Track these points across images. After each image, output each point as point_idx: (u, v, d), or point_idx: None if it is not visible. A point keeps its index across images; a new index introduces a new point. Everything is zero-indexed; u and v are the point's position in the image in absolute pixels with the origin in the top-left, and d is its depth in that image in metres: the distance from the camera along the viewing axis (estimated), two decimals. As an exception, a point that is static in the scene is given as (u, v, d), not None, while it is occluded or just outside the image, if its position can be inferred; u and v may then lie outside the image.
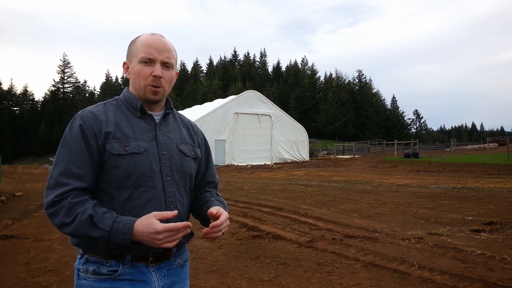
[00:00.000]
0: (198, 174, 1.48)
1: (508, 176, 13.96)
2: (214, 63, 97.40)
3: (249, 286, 3.60)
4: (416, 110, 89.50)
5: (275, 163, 30.03)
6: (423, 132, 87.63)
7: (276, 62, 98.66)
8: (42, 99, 79.21)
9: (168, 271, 1.31)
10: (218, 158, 28.21)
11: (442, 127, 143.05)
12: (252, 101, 31.30)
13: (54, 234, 5.84)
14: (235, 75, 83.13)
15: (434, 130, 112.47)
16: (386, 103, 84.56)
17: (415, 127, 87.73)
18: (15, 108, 75.05)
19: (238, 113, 30.22)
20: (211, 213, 1.29)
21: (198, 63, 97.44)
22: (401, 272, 3.80)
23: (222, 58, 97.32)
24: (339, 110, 72.02)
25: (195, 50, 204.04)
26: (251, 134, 30.73)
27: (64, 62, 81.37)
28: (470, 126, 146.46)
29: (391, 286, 3.47)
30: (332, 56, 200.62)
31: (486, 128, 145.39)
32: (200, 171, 1.50)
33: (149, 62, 1.30)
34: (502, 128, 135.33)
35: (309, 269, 4.02)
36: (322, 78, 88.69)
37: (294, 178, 15.96)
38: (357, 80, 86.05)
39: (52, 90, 79.39)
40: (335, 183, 12.95)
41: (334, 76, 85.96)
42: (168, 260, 1.32)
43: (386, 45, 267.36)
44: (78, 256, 1.28)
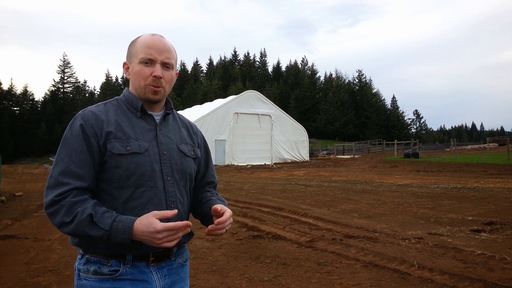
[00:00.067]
0: (198, 174, 1.49)
1: (508, 176, 13.96)
2: (214, 63, 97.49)
3: (249, 286, 3.60)
4: (416, 110, 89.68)
5: (275, 163, 30.02)
6: (423, 132, 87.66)
7: (276, 62, 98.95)
8: (42, 99, 79.33)
9: (168, 271, 1.32)
10: (218, 158, 28.20)
11: (442, 127, 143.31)
12: (252, 101, 31.29)
13: (54, 234, 5.84)
14: (235, 75, 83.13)
15: (434, 130, 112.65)
16: (386, 103, 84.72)
17: (415, 127, 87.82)
18: (15, 108, 75.11)
19: (238, 113, 30.21)
20: (216, 209, 1.29)
21: (198, 63, 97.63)
22: (401, 272, 3.80)
23: (222, 58, 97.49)
24: (339, 110, 72.03)
25: (195, 50, 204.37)
26: (251, 134, 30.72)
27: (64, 62, 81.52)
28: (470, 126, 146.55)
29: (391, 286, 3.47)
30: (332, 56, 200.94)
31: (486, 128, 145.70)
32: (200, 171, 1.50)
33: (149, 62, 1.30)
34: (502, 128, 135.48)
35: (309, 269, 4.02)
36: (322, 78, 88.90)
37: (294, 178, 15.96)
38: (357, 80, 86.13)
39: (52, 90, 79.46)
40: (335, 183, 12.95)
41: (334, 76, 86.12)
42: (168, 259, 1.32)
43: (386, 45, 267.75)
44: (79, 256, 1.28)
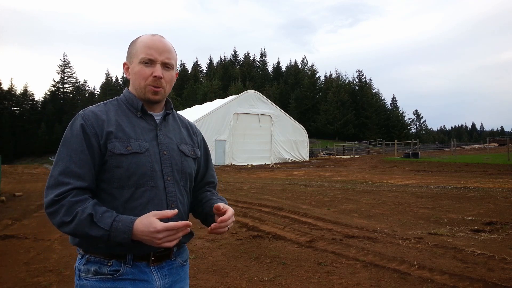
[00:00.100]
0: (197, 174, 1.49)
1: (508, 176, 13.96)
2: (214, 63, 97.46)
3: (249, 286, 3.60)
4: (416, 110, 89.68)
5: (275, 163, 30.02)
6: (423, 132, 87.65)
7: (276, 62, 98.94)
8: (42, 99, 79.32)
9: (169, 271, 1.32)
10: (218, 158, 28.19)
11: (442, 127, 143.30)
12: (252, 101, 31.29)
13: (54, 234, 5.84)
14: (235, 75, 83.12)
15: (434, 130, 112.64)
16: (386, 103, 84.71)
17: (415, 127, 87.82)
18: (15, 108, 75.10)
19: (238, 113, 30.21)
20: (218, 207, 1.29)
21: (198, 63, 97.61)
22: (401, 272, 3.80)
23: (222, 58, 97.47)
24: (339, 110, 72.03)
25: (195, 50, 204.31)
26: (251, 134, 30.71)
27: (64, 62, 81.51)
28: (470, 126, 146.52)
29: (391, 286, 3.47)
30: (332, 56, 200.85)
31: (486, 128, 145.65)
32: (199, 172, 1.51)
33: (149, 62, 1.31)
34: (502, 128, 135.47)
35: (309, 269, 4.03)
36: (322, 78, 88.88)
37: (294, 178, 15.96)
38: (357, 80, 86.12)
39: (52, 90, 79.46)
40: (335, 183, 12.95)
41: (334, 76, 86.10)
42: (168, 259, 1.32)
43: (386, 45, 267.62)
44: (79, 256, 1.28)
